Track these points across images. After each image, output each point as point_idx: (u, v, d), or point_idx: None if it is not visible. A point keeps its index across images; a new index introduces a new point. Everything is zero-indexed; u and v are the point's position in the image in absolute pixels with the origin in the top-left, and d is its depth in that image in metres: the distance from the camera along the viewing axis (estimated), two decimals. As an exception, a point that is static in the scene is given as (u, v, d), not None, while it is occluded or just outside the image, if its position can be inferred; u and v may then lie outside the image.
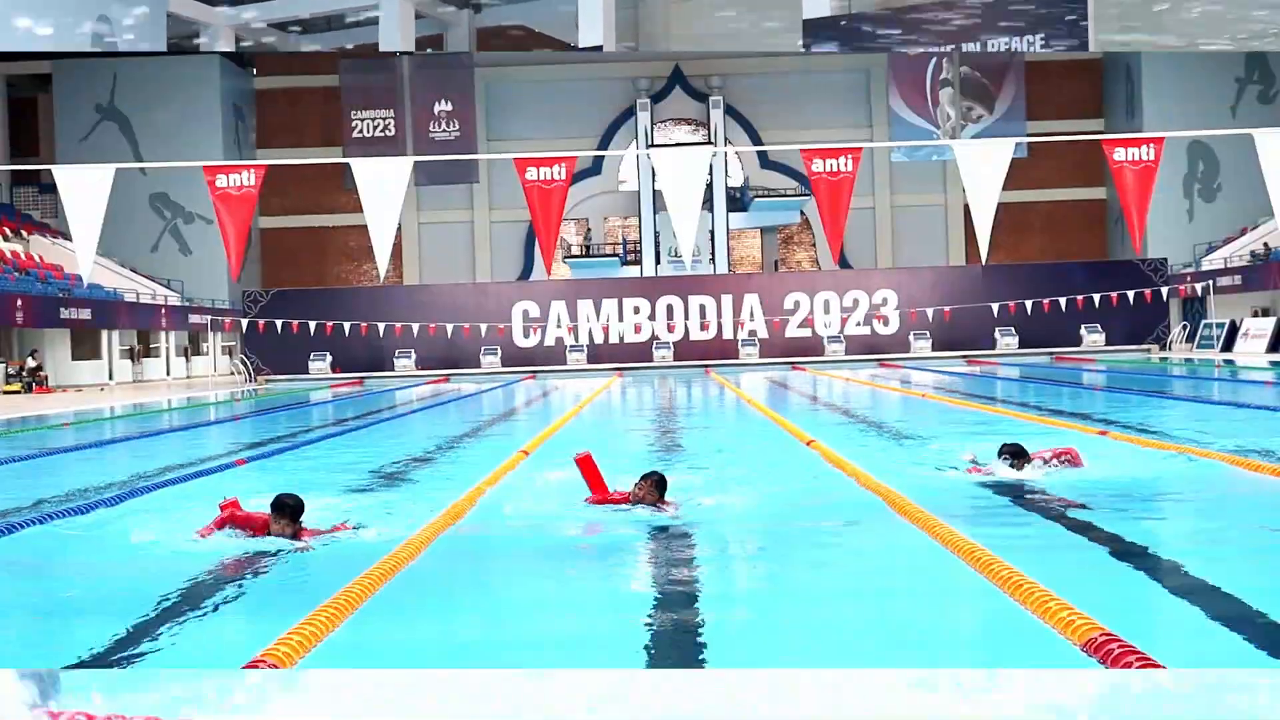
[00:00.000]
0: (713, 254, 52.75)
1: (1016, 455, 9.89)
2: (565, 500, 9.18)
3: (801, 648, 5.42)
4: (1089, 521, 8.10)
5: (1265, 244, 43.81)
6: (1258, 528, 8.07)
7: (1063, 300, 41.00)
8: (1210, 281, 43.86)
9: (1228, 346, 39.38)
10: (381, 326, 42.11)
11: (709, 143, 52.89)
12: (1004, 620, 5.65)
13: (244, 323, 42.91)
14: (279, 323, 41.31)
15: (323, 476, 12.22)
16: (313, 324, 41.36)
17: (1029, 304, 41.29)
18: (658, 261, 52.81)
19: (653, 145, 52.52)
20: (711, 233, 52.35)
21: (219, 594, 6.75)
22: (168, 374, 47.31)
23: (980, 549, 6.64)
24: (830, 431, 15.28)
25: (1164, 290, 42.77)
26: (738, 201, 54.10)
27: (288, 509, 7.70)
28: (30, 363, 38.27)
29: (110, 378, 42.68)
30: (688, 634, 5.62)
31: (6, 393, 36.16)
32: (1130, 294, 41.53)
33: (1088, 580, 6.52)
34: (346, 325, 41.74)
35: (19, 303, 37.22)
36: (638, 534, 8.03)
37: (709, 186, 48.53)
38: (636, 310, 43.96)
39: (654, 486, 8.59)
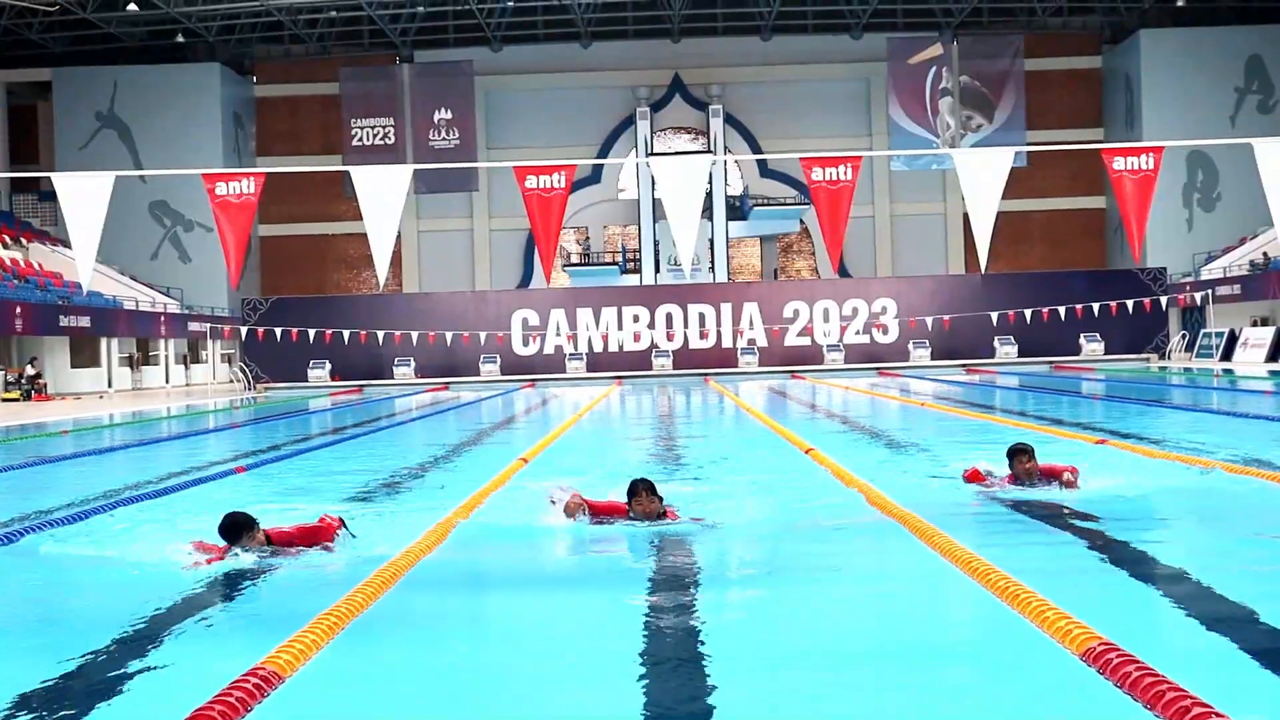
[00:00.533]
0: (712, 262, 52.78)
1: (1022, 453, 9.65)
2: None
3: (800, 657, 5.41)
4: (1087, 531, 8.09)
5: (1264, 253, 43.83)
6: (1257, 536, 8.06)
7: (1062, 309, 40.98)
8: (1209, 291, 43.87)
9: (1227, 356, 39.37)
10: (381, 335, 42.12)
11: (709, 151, 52.92)
12: (1002, 629, 5.64)
13: (243, 330, 42.90)
14: (278, 330, 41.29)
15: (321, 484, 12.21)
16: (312, 332, 41.35)
17: (1028, 313, 41.26)
18: (657, 270, 52.82)
19: (652, 154, 52.56)
20: (711, 241, 52.38)
21: (214, 606, 6.74)
22: (167, 382, 47.30)
23: (978, 558, 6.63)
24: (829, 440, 15.27)
25: (1163, 299, 42.77)
26: (737, 210, 54.14)
27: (240, 527, 7.49)
28: (29, 370, 38.28)
29: (109, 385, 42.68)
30: (689, 645, 5.61)
31: (5, 400, 36.14)
32: (1129, 303, 41.54)
33: (1086, 589, 6.52)
34: (346, 333, 41.73)
35: (18, 310, 37.22)
36: (640, 544, 8.00)
37: (708, 195, 48.55)
38: (636, 319, 43.94)
39: (648, 495, 8.51)
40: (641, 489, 8.51)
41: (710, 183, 47.63)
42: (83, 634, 5.97)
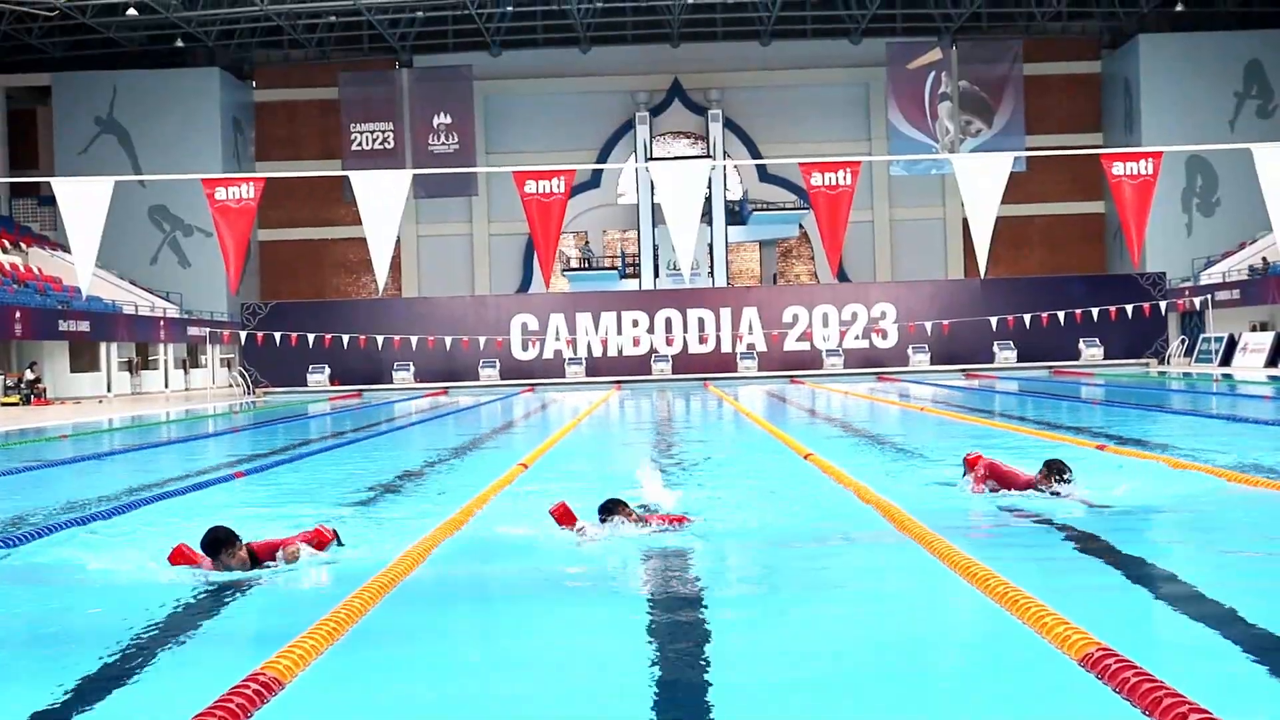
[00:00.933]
0: (711, 267, 52.80)
1: (1060, 474, 9.42)
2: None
3: (799, 660, 5.41)
4: (1085, 536, 8.09)
5: (1264, 258, 43.84)
6: (1257, 543, 8.06)
7: (1061, 314, 40.97)
8: (1209, 296, 43.88)
9: (1226, 361, 39.37)
10: (380, 339, 42.11)
11: (708, 156, 52.97)
12: (1001, 635, 5.63)
13: (242, 335, 42.91)
14: (277, 335, 41.29)
15: (320, 489, 12.21)
16: (311, 337, 41.34)
17: (1027, 318, 41.29)
18: (656, 274, 52.83)
19: (652, 158, 52.60)
20: (710, 246, 52.39)
21: (213, 614, 6.73)
22: (166, 386, 47.30)
23: (976, 563, 6.63)
24: (828, 445, 15.26)
25: (1162, 304, 42.79)
26: (736, 215, 54.15)
27: (219, 543, 7.43)
28: (29, 375, 38.27)
29: (109, 390, 42.67)
30: (688, 648, 5.61)
31: (5, 405, 36.13)
32: (1129, 308, 41.54)
33: (1085, 595, 6.51)
34: (345, 338, 41.73)
35: (18, 315, 37.21)
36: (639, 551, 8.00)
37: (708, 200, 48.60)
38: (635, 323, 43.94)
39: (624, 512, 8.38)
40: (619, 504, 8.44)
41: (709, 187, 47.69)
42: (79, 639, 5.97)
